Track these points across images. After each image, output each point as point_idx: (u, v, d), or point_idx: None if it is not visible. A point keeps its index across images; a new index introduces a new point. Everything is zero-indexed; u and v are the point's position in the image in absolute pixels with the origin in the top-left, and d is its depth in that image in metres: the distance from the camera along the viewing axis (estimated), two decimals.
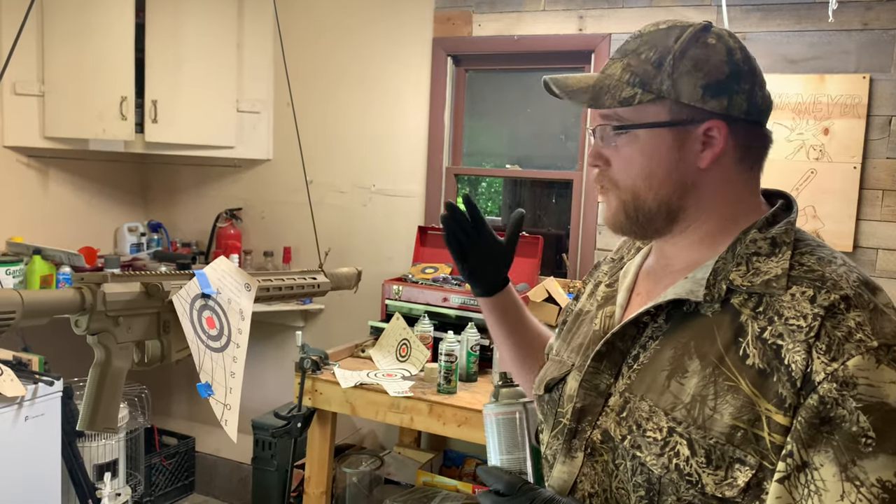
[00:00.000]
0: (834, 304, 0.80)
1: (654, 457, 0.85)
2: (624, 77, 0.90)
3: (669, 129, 0.89)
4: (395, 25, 3.38)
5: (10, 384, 2.51)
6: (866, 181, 2.61)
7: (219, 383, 1.02)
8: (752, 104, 0.89)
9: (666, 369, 0.88)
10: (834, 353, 0.77)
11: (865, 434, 0.74)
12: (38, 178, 3.46)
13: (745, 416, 0.80)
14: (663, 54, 0.89)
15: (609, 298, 1.04)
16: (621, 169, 0.92)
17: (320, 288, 1.36)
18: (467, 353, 2.64)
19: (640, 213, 0.92)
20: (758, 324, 0.83)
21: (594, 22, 2.99)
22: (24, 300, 0.87)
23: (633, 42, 0.93)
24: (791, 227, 0.90)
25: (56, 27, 3.24)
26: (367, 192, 3.50)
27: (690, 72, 0.88)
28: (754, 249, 0.88)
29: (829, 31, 2.62)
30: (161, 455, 3.72)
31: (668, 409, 0.85)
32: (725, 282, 0.87)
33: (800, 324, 0.80)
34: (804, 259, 0.86)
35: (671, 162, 0.90)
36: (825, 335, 0.78)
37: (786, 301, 0.83)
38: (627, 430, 0.88)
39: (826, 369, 0.76)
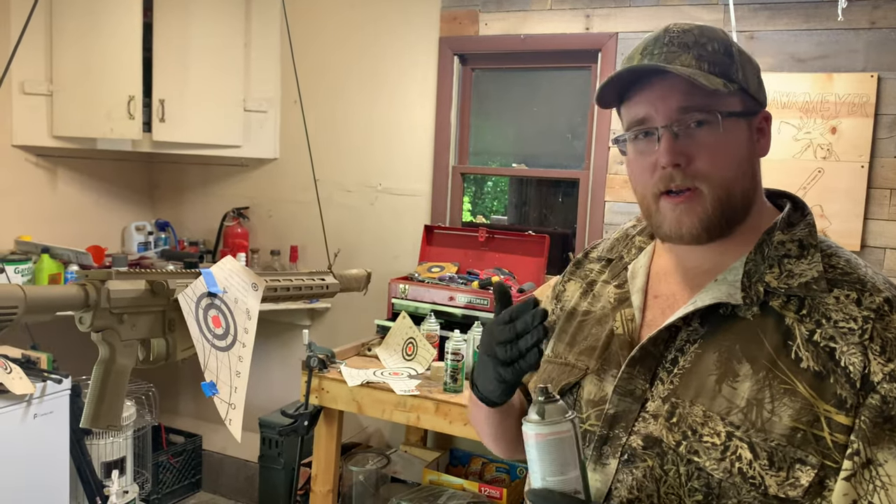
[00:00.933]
0: (880, 306, 0.83)
1: (715, 461, 0.85)
2: (703, 66, 0.88)
3: (745, 119, 0.91)
4: (402, 24, 3.38)
5: (18, 382, 2.52)
6: (874, 180, 2.59)
7: (224, 382, 1.02)
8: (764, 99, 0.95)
9: (714, 373, 0.87)
10: (889, 354, 0.80)
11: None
12: (47, 178, 3.48)
13: (804, 417, 0.81)
14: (727, 46, 0.90)
15: (622, 301, 1.01)
16: (710, 161, 0.89)
17: (329, 289, 1.36)
18: (473, 352, 2.64)
19: (728, 210, 0.90)
20: (805, 327, 0.85)
21: (601, 21, 2.98)
22: (26, 295, 0.88)
23: (686, 36, 0.90)
24: (813, 229, 0.92)
25: (64, 27, 3.25)
26: (374, 190, 3.50)
27: (749, 62, 0.92)
28: (784, 252, 0.90)
29: (837, 30, 2.61)
30: (168, 453, 3.73)
31: (724, 414, 0.85)
32: (761, 284, 0.88)
33: (851, 326, 0.82)
34: (833, 261, 0.88)
35: (749, 150, 0.92)
36: (878, 337, 0.81)
37: (831, 304, 0.85)
38: (682, 436, 0.87)
39: (884, 370, 0.80)
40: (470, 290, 2.86)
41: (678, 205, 0.90)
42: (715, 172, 0.89)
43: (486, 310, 2.77)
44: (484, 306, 2.78)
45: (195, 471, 3.90)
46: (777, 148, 2.68)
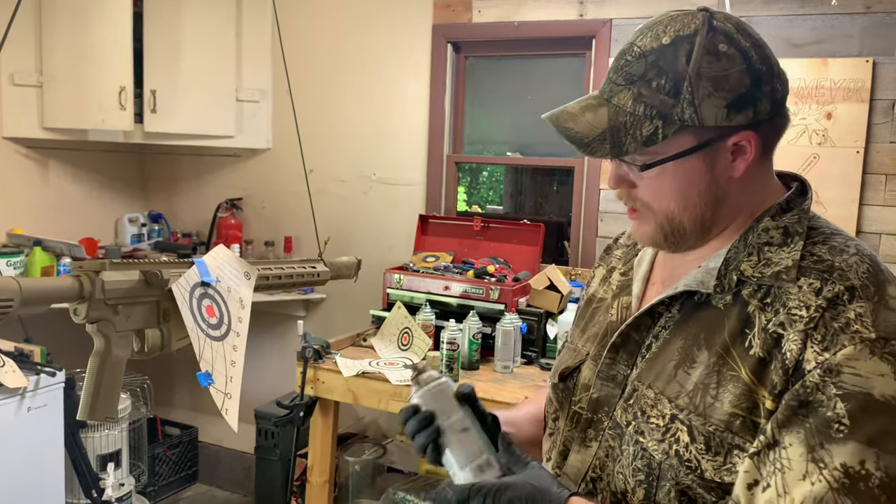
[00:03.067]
0: (838, 294, 0.80)
1: (656, 442, 0.87)
2: (638, 110, 0.85)
3: (698, 153, 0.86)
4: (395, 12, 3.36)
5: (12, 375, 2.51)
6: (869, 166, 2.59)
7: (219, 372, 1.01)
8: (774, 101, 0.87)
9: (674, 359, 0.89)
10: (827, 343, 0.78)
11: (839, 420, 0.75)
12: (38, 170, 3.45)
13: (744, 403, 0.81)
14: (677, 80, 0.84)
15: (624, 288, 1.03)
16: (651, 195, 0.90)
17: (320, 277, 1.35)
18: (469, 342, 2.64)
19: (675, 233, 0.91)
20: (765, 316, 0.84)
21: (595, 7, 2.97)
22: (21, 287, 0.86)
23: (636, 64, 0.86)
24: (804, 214, 0.89)
25: (54, 17, 3.22)
26: (368, 180, 3.48)
27: (711, 94, 0.83)
28: (766, 239, 0.88)
29: (832, 15, 2.60)
30: (164, 445, 3.72)
31: (673, 397, 0.87)
32: (736, 272, 0.88)
33: (801, 314, 0.81)
34: (816, 249, 0.86)
35: (704, 182, 0.88)
36: (822, 326, 0.79)
37: (793, 292, 0.83)
38: (632, 416, 0.90)
39: (817, 358, 0.77)
40: (465, 279, 2.86)
41: (630, 218, 0.95)
42: (655, 205, 0.90)
43: (482, 299, 2.77)
44: (479, 295, 2.78)
45: (191, 463, 3.89)
46: None
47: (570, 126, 0.89)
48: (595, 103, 0.89)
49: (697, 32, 0.85)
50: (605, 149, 0.86)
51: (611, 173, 0.93)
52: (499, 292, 2.75)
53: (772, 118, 0.88)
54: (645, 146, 0.85)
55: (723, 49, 0.84)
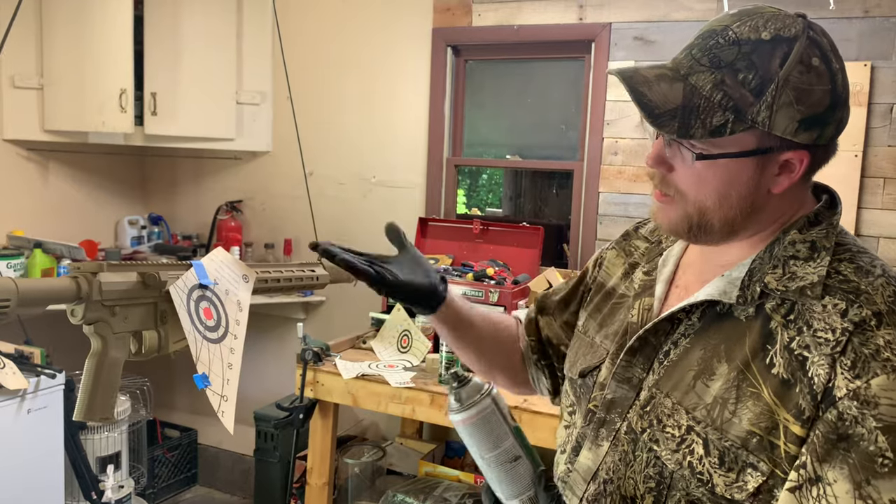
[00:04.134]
0: (865, 319, 0.78)
1: (670, 452, 0.86)
2: (715, 96, 0.82)
3: (753, 158, 0.84)
4: (395, 15, 3.36)
5: (12, 377, 2.51)
6: (868, 169, 2.60)
7: (216, 374, 1.02)
8: (838, 129, 0.85)
9: (694, 369, 0.88)
10: (858, 371, 0.76)
11: (883, 454, 0.73)
12: (38, 172, 3.46)
13: (762, 423, 0.80)
14: (765, 80, 0.80)
15: (647, 288, 1.01)
16: (690, 185, 0.87)
17: (319, 281, 1.35)
18: None
19: (701, 228, 0.89)
20: (787, 333, 0.82)
21: (594, 11, 2.98)
22: (18, 288, 0.87)
23: (728, 50, 0.82)
24: (832, 229, 0.87)
25: (55, 20, 3.23)
26: (368, 183, 3.49)
27: (791, 104, 0.80)
28: (792, 252, 0.86)
29: (830, 19, 2.61)
30: (164, 447, 3.73)
31: (691, 409, 0.86)
32: (760, 284, 0.86)
33: (827, 337, 0.79)
34: (842, 267, 0.84)
35: (747, 188, 0.85)
36: (851, 351, 0.77)
37: (817, 311, 0.81)
38: (648, 424, 0.90)
39: (849, 386, 0.75)
40: (465, 282, 2.86)
41: (656, 202, 0.92)
42: (691, 195, 0.87)
43: (481, 301, 2.77)
44: (479, 298, 2.78)
45: (191, 465, 3.89)
46: None
47: (644, 91, 0.84)
48: (671, 75, 0.85)
49: (798, 38, 0.81)
50: (674, 126, 0.83)
51: (653, 150, 0.89)
52: (498, 295, 2.75)
53: (828, 145, 0.86)
54: (711, 136, 0.82)
55: (815, 63, 0.81)
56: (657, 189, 0.91)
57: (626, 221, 2.95)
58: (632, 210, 2.95)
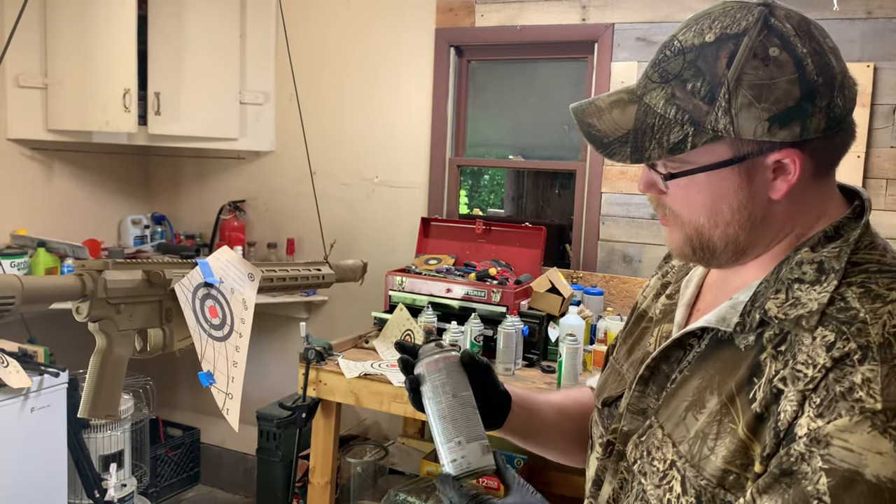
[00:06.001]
0: (848, 353, 0.70)
1: (653, 487, 0.82)
2: (669, 112, 0.77)
3: (732, 167, 0.77)
4: (398, 16, 3.37)
5: (15, 376, 2.52)
6: (870, 170, 2.60)
7: (221, 372, 1.02)
8: (830, 118, 0.76)
9: (687, 399, 0.82)
10: (823, 410, 0.69)
11: (819, 497, 0.67)
12: (42, 171, 3.47)
13: (738, 460, 0.75)
14: (714, 85, 0.75)
15: (668, 314, 0.95)
16: (680, 206, 0.82)
17: (325, 280, 1.35)
18: (471, 344, 2.65)
19: (705, 250, 0.83)
20: (774, 366, 0.75)
21: (597, 12, 2.98)
22: (23, 285, 0.87)
23: (674, 61, 0.78)
24: (846, 246, 0.78)
25: (59, 20, 3.24)
26: (371, 183, 3.50)
27: (751, 104, 0.74)
28: (798, 275, 0.78)
29: (833, 20, 2.61)
30: (166, 446, 3.74)
31: (677, 442, 0.81)
32: (760, 311, 0.79)
33: (806, 372, 0.72)
34: (848, 293, 0.75)
35: (739, 199, 0.79)
36: (823, 388, 0.70)
37: (806, 343, 0.74)
38: (639, 455, 0.85)
39: (810, 425, 0.69)
40: (467, 281, 2.87)
41: (662, 225, 0.88)
42: (684, 215, 0.83)
43: (484, 301, 2.78)
44: (481, 298, 2.79)
45: (193, 464, 3.90)
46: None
47: (592, 122, 0.81)
48: (626, 98, 0.81)
49: (747, 32, 0.75)
50: (625, 152, 0.79)
51: (641, 176, 0.85)
52: (500, 295, 2.75)
53: (827, 136, 0.77)
54: (671, 154, 0.77)
55: (773, 54, 0.74)
56: (658, 213, 0.87)
57: (628, 222, 2.96)
58: (633, 211, 2.95)
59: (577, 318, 2.61)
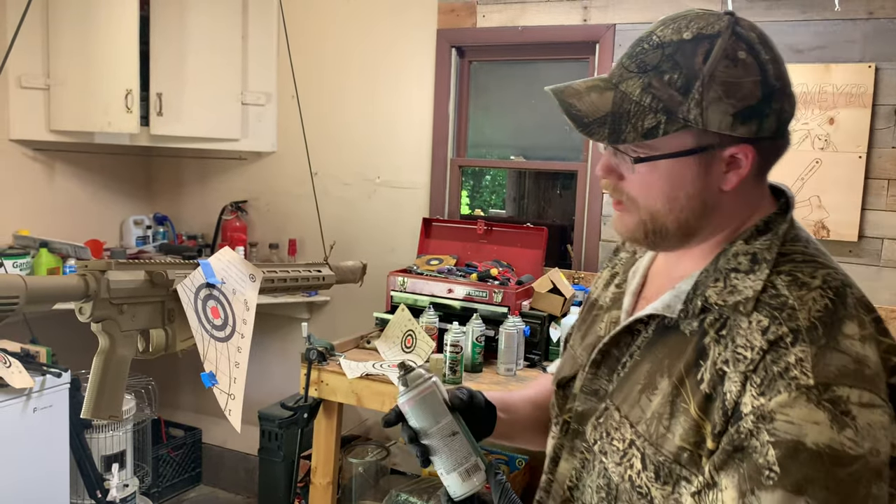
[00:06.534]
0: (781, 336, 0.79)
1: (615, 465, 0.89)
2: (645, 100, 0.83)
3: (694, 156, 0.85)
4: (399, 17, 3.37)
5: (18, 376, 2.53)
6: (872, 171, 2.60)
7: (223, 373, 1.02)
8: (781, 122, 0.86)
9: (641, 383, 0.89)
10: (764, 388, 0.77)
11: (770, 467, 0.75)
12: (44, 172, 3.47)
13: (692, 438, 0.82)
14: (690, 78, 0.82)
15: (616, 301, 1.03)
16: (639, 190, 0.88)
17: (325, 281, 1.36)
18: (472, 344, 2.65)
19: (657, 233, 0.90)
20: (717, 349, 0.83)
21: (598, 12, 2.98)
22: (27, 285, 0.88)
23: (652, 54, 0.85)
24: (776, 239, 0.87)
25: (61, 21, 3.25)
26: (372, 183, 3.50)
27: (721, 99, 0.82)
28: (734, 265, 0.87)
29: (835, 21, 2.61)
30: (168, 446, 3.74)
31: (635, 422, 0.88)
32: (701, 298, 0.87)
33: (746, 354, 0.80)
34: (778, 281, 0.83)
35: (694, 187, 0.86)
36: (762, 369, 0.78)
37: (743, 327, 0.82)
38: (599, 436, 0.92)
39: (753, 403, 0.77)
40: (468, 282, 2.87)
41: (615, 211, 0.93)
42: (641, 200, 0.88)
43: (485, 302, 2.78)
44: (483, 298, 2.79)
45: (195, 464, 3.91)
46: None
47: (573, 103, 0.87)
48: (602, 85, 0.87)
49: (720, 34, 0.83)
50: (604, 133, 0.85)
51: (602, 161, 0.91)
52: (502, 295, 2.76)
53: (774, 138, 0.86)
54: (644, 139, 0.84)
55: (741, 56, 0.83)
56: (613, 198, 0.93)
57: None
58: None
59: None
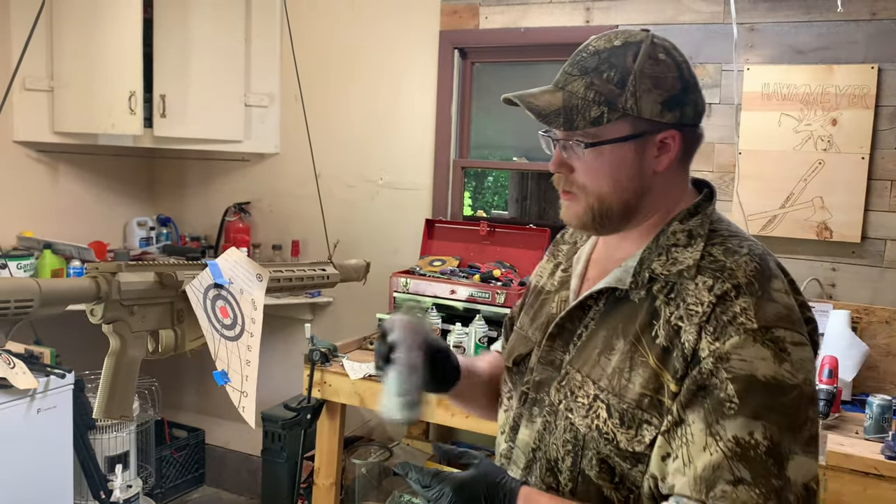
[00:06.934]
0: (726, 291, 0.94)
1: (581, 418, 1.02)
2: (589, 95, 1.00)
3: (632, 141, 1.00)
4: (402, 18, 3.38)
5: (22, 377, 2.53)
6: (874, 172, 2.60)
7: (235, 371, 1.03)
8: (696, 112, 1.03)
9: (598, 347, 1.03)
10: (718, 334, 0.92)
11: (731, 400, 0.89)
12: (48, 173, 3.48)
13: (651, 385, 0.96)
14: (625, 74, 0.99)
15: (564, 283, 1.17)
16: (588, 177, 1.03)
17: (330, 279, 1.37)
18: (475, 345, 2.66)
19: (603, 215, 1.04)
20: (668, 309, 0.98)
21: (601, 14, 2.99)
22: (41, 288, 0.88)
23: (591, 59, 1.02)
24: (706, 218, 1.04)
25: (65, 23, 3.25)
26: (375, 185, 3.50)
27: (650, 90, 0.99)
28: (674, 241, 1.03)
29: (837, 22, 2.61)
30: (171, 447, 3.74)
31: (596, 380, 1.01)
32: (648, 270, 1.02)
33: (697, 309, 0.95)
34: (714, 250, 1.00)
35: (633, 169, 1.02)
36: (714, 319, 0.93)
37: (691, 289, 0.97)
38: (563, 396, 1.05)
39: (710, 347, 0.92)
40: (471, 283, 2.87)
41: (563, 201, 1.08)
42: (590, 186, 1.03)
43: (488, 303, 2.79)
44: (486, 299, 2.79)
45: (198, 465, 3.91)
46: (777, 140, 2.69)
47: (531, 101, 1.03)
48: (552, 89, 1.04)
49: (643, 41, 1.01)
50: (559, 121, 1.01)
51: (554, 157, 1.06)
52: (504, 296, 2.76)
53: (693, 126, 1.04)
54: (592, 125, 0.99)
55: (661, 57, 1.01)
56: (563, 191, 1.07)
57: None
58: None
59: None
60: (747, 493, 0.86)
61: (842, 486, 1.95)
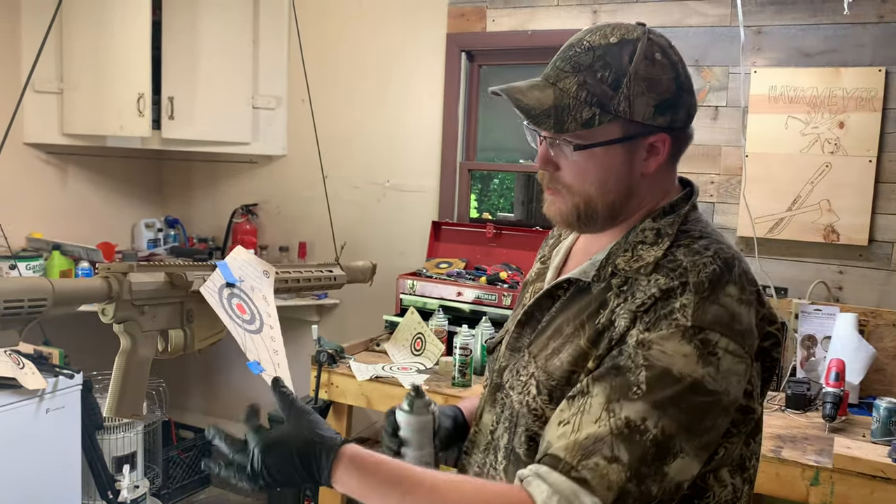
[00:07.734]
0: (672, 288, 0.93)
1: (517, 395, 1.03)
2: (581, 95, 0.97)
3: (621, 144, 0.98)
4: (409, 21, 3.39)
5: (31, 377, 2.55)
6: (882, 175, 2.60)
7: (266, 361, 1.06)
8: (689, 115, 1.01)
9: (550, 332, 1.04)
10: (649, 325, 0.92)
11: (638, 385, 0.89)
12: (57, 175, 3.50)
13: (580, 363, 0.96)
14: (619, 75, 0.96)
15: (541, 275, 1.18)
16: (574, 177, 1.01)
17: (336, 280, 1.38)
18: (482, 347, 2.66)
19: (589, 216, 1.03)
20: (617, 301, 0.97)
21: (608, 17, 2.99)
22: (54, 288, 0.89)
23: (584, 56, 0.98)
24: (678, 219, 1.02)
25: (74, 25, 3.28)
26: (382, 187, 3.51)
27: (644, 93, 0.96)
28: (641, 238, 1.01)
29: (844, 24, 2.61)
30: (178, 448, 3.75)
31: (536, 358, 1.03)
32: (612, 265, 1.01)
33: (640, 301, 0.94)
34: (678, 251, 0.97)
35: (621, 172, 1.00)
36: (652, 311, 0.92)
37: (643, 284, 0.95)
38: (510, 376, 1.07)
39: (638, 336, 0.92)
40: (478, 285, 2.88)
41: (548, 197, 1.07)
42: (576, 186, 1.01)
43: (495, 305, 2.79)
44: (492, 301, 2.80)
45: None
46: (784, 143, 2.69)
47: (520, 98, 1.00)
48: (541, 84, 1.01)
49: (640, 39, 0.98)
50: (549, 123, 0.98)
51: (540, 154, 1.04)
52: (511, 298, 2.77)
53: (684, 128, 1.01)
54: (584, 128, 0.97)
55: (658, 57, 0.98)
56: (547, 188, 1.05)
57: None
58: None
59: None
60: (618, 473, 0.85)
61: (849, 489, 1.94)
